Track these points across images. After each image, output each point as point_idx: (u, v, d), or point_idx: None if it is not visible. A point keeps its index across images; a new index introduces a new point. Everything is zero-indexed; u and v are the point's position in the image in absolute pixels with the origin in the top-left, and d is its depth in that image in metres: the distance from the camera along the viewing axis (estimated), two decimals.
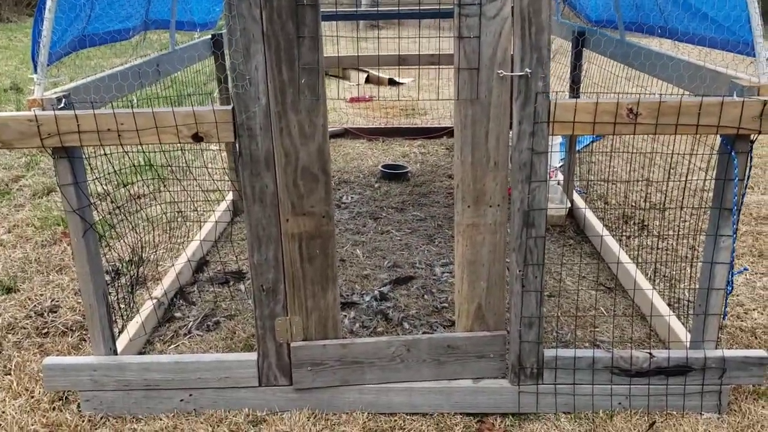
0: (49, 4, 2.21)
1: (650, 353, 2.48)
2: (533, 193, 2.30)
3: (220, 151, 5.29)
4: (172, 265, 3.49)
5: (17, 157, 5.83)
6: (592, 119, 2.22)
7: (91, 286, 2.47)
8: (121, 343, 2.73)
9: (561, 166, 4.50)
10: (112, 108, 2.38)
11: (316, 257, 2.39)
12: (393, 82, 9.58)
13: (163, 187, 4.35)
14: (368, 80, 9.76)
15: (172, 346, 2.99)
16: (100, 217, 2.90)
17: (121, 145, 2.29)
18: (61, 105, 2.28)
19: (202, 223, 4.10)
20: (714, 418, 2.48)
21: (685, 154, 2.92)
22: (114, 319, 2.68)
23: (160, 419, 2.55)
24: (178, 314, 3.25)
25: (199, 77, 4.31)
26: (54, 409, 2.62)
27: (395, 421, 2.52)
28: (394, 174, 5.28)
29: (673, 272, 3.36)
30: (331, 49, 5.36)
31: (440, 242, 4.01)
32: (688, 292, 3.03)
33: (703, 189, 2.59)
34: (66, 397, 2.67)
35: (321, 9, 2.18)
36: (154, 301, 3.14)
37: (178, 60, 3.54)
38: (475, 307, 2.50)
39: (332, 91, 8.25)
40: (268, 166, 2.29)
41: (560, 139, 4.43)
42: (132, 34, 3.16)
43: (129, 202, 4.23)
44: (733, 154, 2.26)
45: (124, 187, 4.42)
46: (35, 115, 2.22)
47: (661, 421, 2.47)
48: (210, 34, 4.16)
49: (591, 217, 4.10)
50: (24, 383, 2.77)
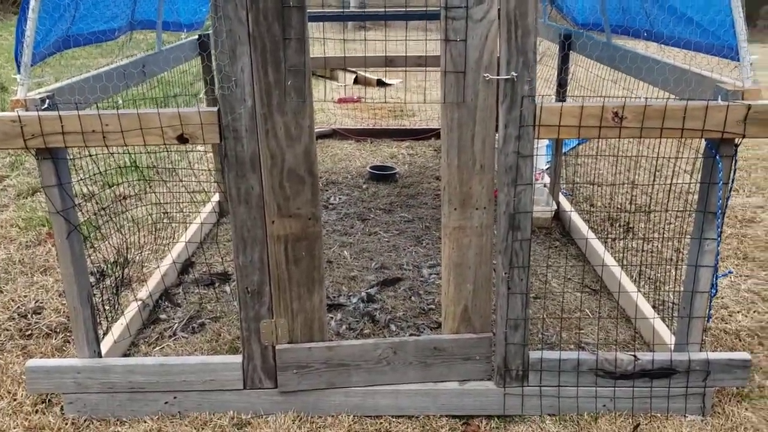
0: (32, 3, 2.19)
1: (635, 356, 2.49)
2: (519, 196, 2.31)
3: (206, 153, 5.26)
4: (158, 267, 3.47)
5: (1, 156, 5.78)
6: (578, 123, 2.22)
7: (75, 288, 2.45)
8: (106, 345, 2.71)
9: (547, 169, 4.52)
10: (97, 109, 2.36)
11: (302, 259, 2.39)
12: (381, 83, 9.58)
13: (149, 188, 4.32)
14: (356, 81, 9.75)
15: (157, 348, 2.97)
16: (86, 219, 2.87)
17: (106, 147, 2.28)
18: (45, 106, 2.26)
19: (188, 225, 4.09)
20: (698, 421, 2.50)
21: (670, 158, 2.94)
22: (98, 320, 2.66)
23: (145, 422, 2.53)
24: (163, 316, 3.23)
25: (186, 78, 4.29)
26: (37, 412, 2.60)
27: (381, 423, 2.51)
28: (382, 175, 5.27)
29: (658, 275, 3.37)
30: (318, 50, 5.36)
31: (428, 244, 4.01)
32: (673, 295, 3.05)
33: (688, 192, 2.60)
34: (49, 400, 2.65)
35: (308, 10, 2.18)
36: (139, 303, 3.12)
37: (165, 61, 3.52)
38: (461, 310, 2.50)
39: (320, 92, 8.24)
40: (254, 168, 2.28)
41: (547, 141, 4.44)
42: (117, 34, 3.14)
43: (114, 203, 4.20)
44: (717, 157, 2.27)
45: (110, 188, 4.40)
46: (18, 116, 2.20)
47: (646, 424, 2.48)
48: (197, 35, 4.14)
49: (577, 219, 4.11)
50: (6, 386, 2.74)
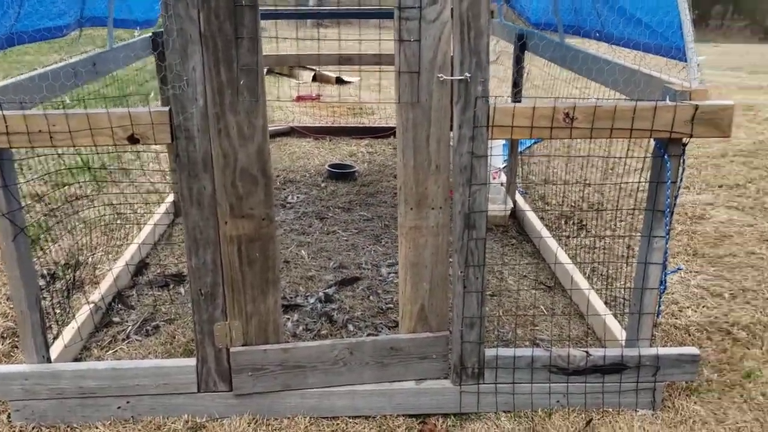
0: None
1: (587, 352, 2.53)
2: (474, 196, 2.32)
3: (158, 154, 5.17)
4: (110, 269, 3.40)
5: None
6: (530, 123, 2.25)
7: (22, 292, 2.39)
8: (56, 350, 2.65)
9: (504, 167, 4.56)
10: (43, 108, 2.30)
11: (256, 260, 2.36)
12: (341, 81, 9.56)
13: (101, 189, 4.23)
14: (315, 79, 9.71)
15: (110, 352, 2.91)
16: (34, 221, 2.80)
17: (54, 147, 2.22)
18: None
19: (142, 225, 4.01)
20: (648, 415, 2.55)
21: (620, 158, 2.99)
22: (48, 325, 2.60)
23: (96, 428, 2.48)
24: (117, 319, 3.16)
25: (142, 75, 4.21)
26: None
27: (337, 424, 2.51)
28: (340, 173, 5.26)
29: (610, 271, 3.44)
30: (272, 48, 5.31)
31: (387, 242, 4.02)
32: (624, 291, 3.11)
33: (638, 190, 2.65)
34: None
35: (262, 7, 2.16)
36: (91, 306, 3.06)
37: (117, 59, 3.45)
38: (418, 309, 2.51)
39: (279, 90, 8.19)
40: (206, 168, 2.25)
41: (503, 140, 4.48)
42: (66, 31, 3.07)
43: (65, 204, 4.11)
44: (666, 157, 2.32)
45: (60, 189, 4.29)
46: None
47: (598, 419, 2.53)
48: (151, 32, 4.07)
49: (532, 217, 4.17)
50: None
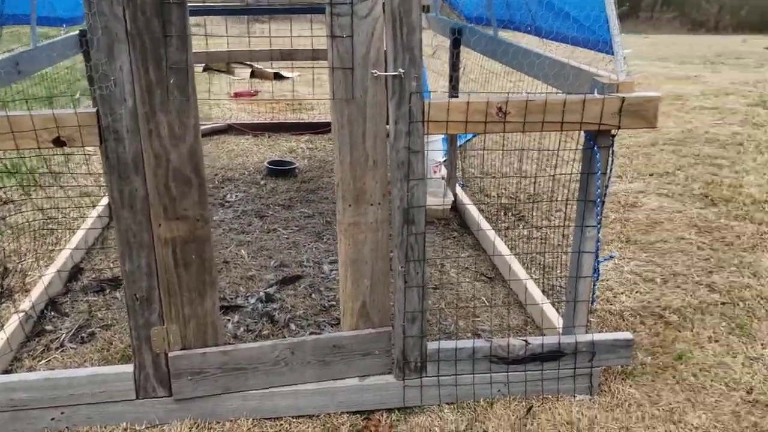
0: None
1: (526, 341, 2.58)
2: (412, 191, 2.33)
3: (88, 156, 5.02)
4: (41, 276, 3.29)
5: None
6: (465, 118, 2.27)
7: None
8: None
9: (444, 161, 4.60)
10: None
11: (192, 263, 2.32)
12: (279, 77, 9.46)
13: (30, 193, 4.09)
14: (254, 75, 9.59)
15: (43, 362, 2.82)
16: None
17: None
18: None
19: (75, 230, 3.89)
20: (586, 400, 2.62)
21: (554, 151, 3.05)
22: None
23: None
24: (50, 327, 3.06)
25: (73, 74, 4.08)
26: None
27: (281, 425, 2.49)
28: (280, 170, 5.21)
29: (547, 261, 3.51)
30: (201, 45, 5.21)
31: (329, 239, 4.00)
32: (561, 280, 3.18)
33: (571, 181, 2.72)
34: None
35: (190, 4, 2.11)
36: (21, 315, 2.95)
37: (41, 58, 3.33)
38: (359, 305, 2.51)
39: (217, 86, 8.05)
40: (137, 170, 2.19)
41: (441, 135, 4.52)
42: None
43: None
44: (595, 148, 2.38)
45: None
46: None
47: (538, 406, 2.58)
48: (78, 30, 3.93)
49: (473, 210, 4.22)
50: None
